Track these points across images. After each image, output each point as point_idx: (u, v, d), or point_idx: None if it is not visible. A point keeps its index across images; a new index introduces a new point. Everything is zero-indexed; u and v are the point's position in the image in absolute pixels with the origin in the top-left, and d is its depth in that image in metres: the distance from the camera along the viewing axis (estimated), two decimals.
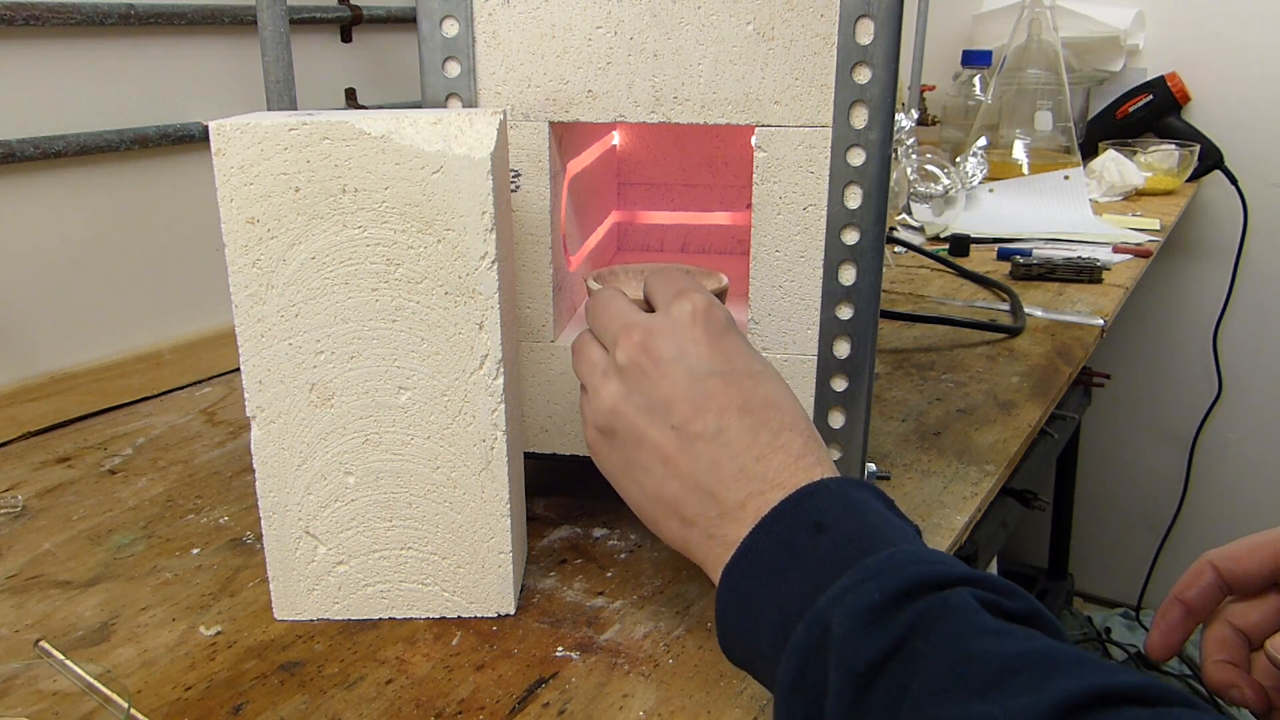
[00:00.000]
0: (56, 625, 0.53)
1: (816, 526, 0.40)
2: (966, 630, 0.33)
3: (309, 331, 0.49)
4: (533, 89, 0.56)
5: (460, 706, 0.46)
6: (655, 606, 0.54)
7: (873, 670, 0.34)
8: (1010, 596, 0.36)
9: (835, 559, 0.38)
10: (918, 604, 0.35)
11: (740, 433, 0.44)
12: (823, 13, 0.53)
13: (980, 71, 1.68)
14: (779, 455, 0.43)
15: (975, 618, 0.34)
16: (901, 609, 0.35)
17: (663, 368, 0.45)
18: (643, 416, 0.45)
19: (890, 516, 0.42)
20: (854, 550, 0.39)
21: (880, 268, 0.56)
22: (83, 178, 0.81)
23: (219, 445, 0.76)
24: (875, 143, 0.54)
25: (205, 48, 0.88)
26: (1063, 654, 0.32)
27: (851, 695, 0.34)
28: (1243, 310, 1.81)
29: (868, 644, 0.34)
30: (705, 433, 0.44)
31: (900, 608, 0.35)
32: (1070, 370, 0.89)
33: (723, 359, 0.46)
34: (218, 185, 0.47)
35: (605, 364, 0.48)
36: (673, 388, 0.45)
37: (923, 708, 0.32)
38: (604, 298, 0.50)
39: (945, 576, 0.36)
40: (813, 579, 0.38)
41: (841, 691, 0.34)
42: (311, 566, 0.52)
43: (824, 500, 0.41)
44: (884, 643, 0.34)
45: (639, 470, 0.46)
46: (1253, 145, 1.74)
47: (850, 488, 0.42)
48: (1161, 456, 1.94)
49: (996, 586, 0.36)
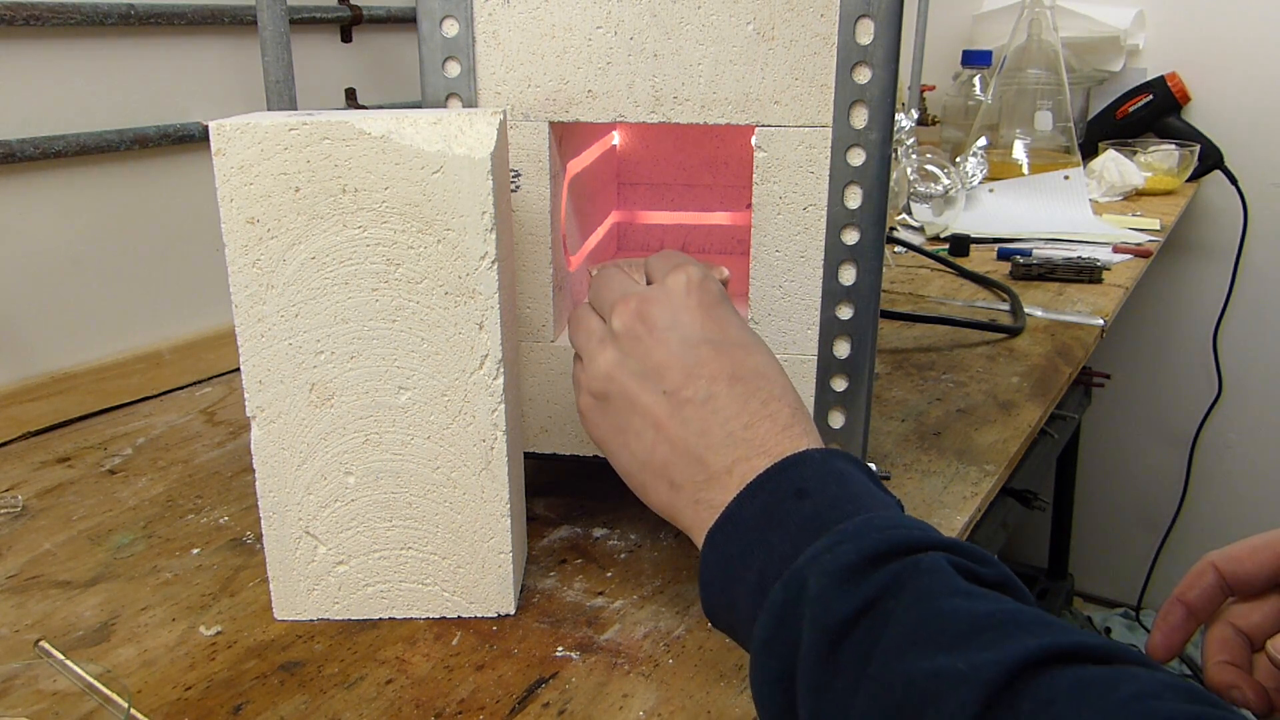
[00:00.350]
0: (56, 625, 0.53)
1: (799, 493, 0.41)
2: (937, 590, 0.34)
3: (309, 331, 0.49)
4: (533, 89, 0.56)
5: (460, 706, 0.46)
6: (655, 606, 0.54)
7: (845, 626, 0.35)
8: (983, 564, 0.37)
9: (815, 522, 0.39)
10: (892, 565, 0.36)
11: (730, 400, 0.44)
12: (823, 13, 0.53)
13: (980, 71, 1.68)
14: (767, 423, 0.44)
15: (947, 580, 0.35)
16: (876, 569, 0.36)
17: (657, 334, 0.46)
18: (635, 381, 0.46)
19: (872, 487, 0.42)
20: (834, 515, 0.39)
21: (880, 268, 0.56)
22: (83, 178, 0.81)
23: (219, 445, 0.76)
24: (875, 143, 0.54)
25: (205, 48, 0.88)
26: (1028, 615, 0.33)
27: (824, 650, 0.35)
28: (1243, 310, 1.81)
29: (841, 602, 0.35)
30: (695, 398, 0.44)
31: (875, 568, 0.36)
32: (1070, 370, 0.89)
33: (716, 328, 0.46)
34: (218, 185, 0.47)
35: (602, 332, 0.48)
36: (666, 354, 0.45)
37: (890, 661, 0.33)
38: (605, 274, 0.51)
39: (921, 541, 0.37)
40: (793, 541, 0.39)
41: (814, 647, 0.35)
42: (311, 566, 0.52)
43: (808, 468, 0.42)
44: (857, 601, 0.35)
45: (630, 435, 0.47)
46: (1253, 145, 1.74)
47: (834, 458, 0.43)
48: (1161, 456, 1.94)
49: (971, 554, 0.37)
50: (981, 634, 0.32)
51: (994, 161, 1.52)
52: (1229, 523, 1.89)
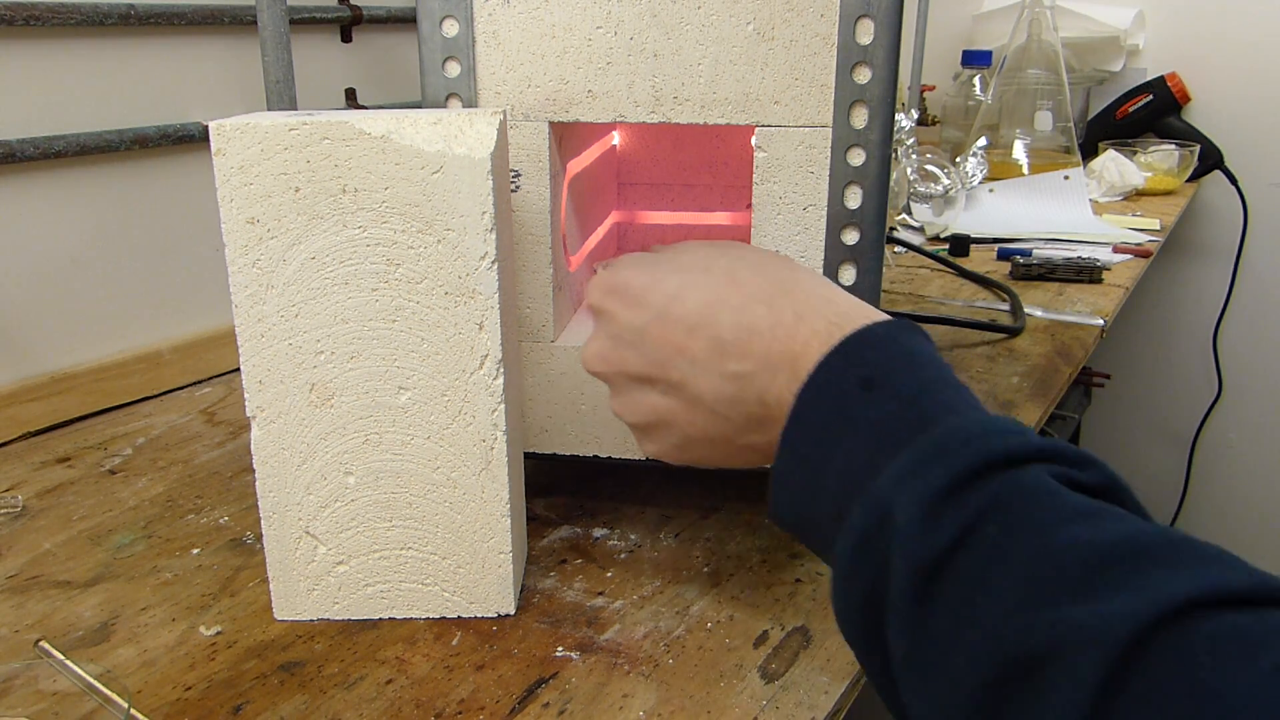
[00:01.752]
0: (56, 625, 0.53)
1: (866, 382, 0.38)
2: (1048, 519, 0.31)
3: (309, 331, 0.49)
4: (533, 89, 0.56)
5: (460, 706, 0.46)
6: (655, 606, 0.54)
7: (941, 561, 0.31)
8: (1084, 466, 0.33)
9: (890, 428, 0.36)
10: (989, 485, 0.32)
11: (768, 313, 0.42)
12: (823, 13, 0.53)
13: (980, 71, 1.68)
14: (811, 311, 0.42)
15: (1055, 500, 0.31)
16: (970, 491, 0.32)
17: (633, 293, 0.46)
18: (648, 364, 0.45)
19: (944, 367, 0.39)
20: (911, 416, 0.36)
21: (880, 268, 0.56)
22: (83, 178, 0.81)
23: (219, 445, 0.76)
24: (875, 143, 0.54)
25: (205, 48, 0.88)
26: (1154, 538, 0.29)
27: (920, 588, 0.32)
28: (1243, 310, 1.81)
29: (935, 534, 0.32)
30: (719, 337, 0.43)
31: (968, 490, 0.32)
32: (1070, 370, 0.89)
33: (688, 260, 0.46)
34: (218, 185, 0.47)
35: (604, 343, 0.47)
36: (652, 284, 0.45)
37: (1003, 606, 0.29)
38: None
39: (1016, 451, 0.33)
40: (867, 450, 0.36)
41: (906, 583, 0.32)
42: (311, 566, 0.52)
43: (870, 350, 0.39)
44: (953, 530, 0.31)
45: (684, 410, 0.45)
46: (1253, 145, 1.74)
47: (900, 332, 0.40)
48: (1161, 456, 1.94)
49: (1068, 456, 0.33)
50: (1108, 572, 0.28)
51: (994, 161, 1.52)
52: (1229, 523, 1.89)
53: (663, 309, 0.44)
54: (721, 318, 0.43)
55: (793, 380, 0.40)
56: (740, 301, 0.43)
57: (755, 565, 0.58)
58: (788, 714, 0.45)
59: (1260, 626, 0.26)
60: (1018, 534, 0.31)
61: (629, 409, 0.47)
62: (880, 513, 0.34)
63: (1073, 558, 0.29)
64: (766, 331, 0.41)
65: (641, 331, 0.45)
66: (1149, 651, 0.26)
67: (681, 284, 0.44)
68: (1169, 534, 0.30)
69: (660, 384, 0.45)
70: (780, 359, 0.41)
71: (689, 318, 0.43)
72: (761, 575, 0.57)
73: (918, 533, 0.32)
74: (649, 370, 0.45)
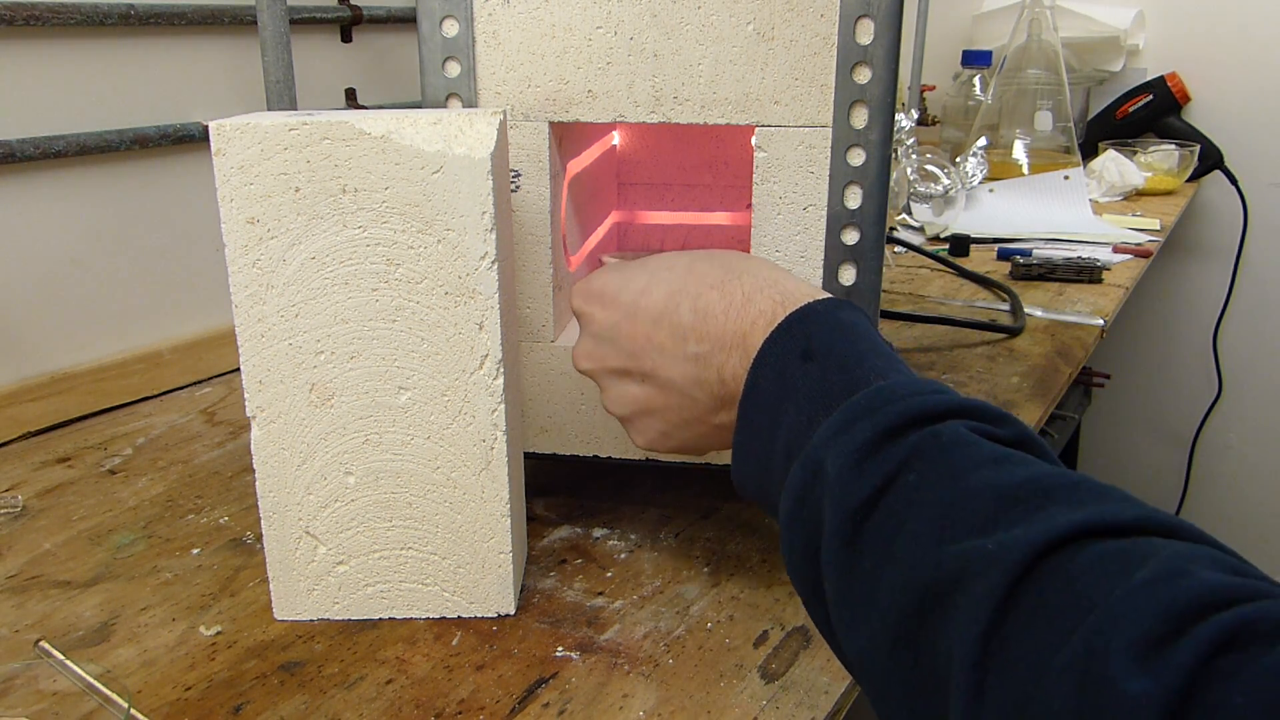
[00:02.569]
0: (56, 625, 0.53)
1: (805, 354, 0.41)
2: (962, 464, 0.33)
3: (309, 331, 0.49)
4: (533, 89, 0.56)
5: (460, 706, 0.46)
6: (655, 606, 0.54)
7: (866, 506, 0.34)
8: (1000, 423, 0.36)
9: (824, 390, 0.39)
10: (910, 438, 0.35)
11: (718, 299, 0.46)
12: (823, 13, 0.53)
13: (980, 71, 1.68)
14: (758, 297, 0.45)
15: (969, 450, 0.34)
16: (893, 443, 0.35)
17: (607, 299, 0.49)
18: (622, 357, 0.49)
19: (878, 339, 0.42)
20: (843, 381, 0.39)
21: (880, 268, 0.56)
22: (83, 178, 0.81)
23: (219, 445, 0.76)
24: (875, 143, 0.54)
25: (205, 48, 0.88)
26: (1056, 480, 0.32)
27: (847, 531, 0.35)
28: (1243, 310, 1.81)
29: (860, 482, 0.35)
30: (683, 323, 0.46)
31: (891, 442, 0.35)
32: (1070, 370, 0.89)
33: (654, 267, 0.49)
34: (218, 185, 0.47)
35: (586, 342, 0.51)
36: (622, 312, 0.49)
37: (918, 543, 0.32)
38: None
39: (936, 407, 0.36)
40: (805, 413, 0.39)
41: (837, 528, 0.35)
42: (311, 566, 0.52)
43: (812, 323, 0.42)
44: (876, 479, 0.34)
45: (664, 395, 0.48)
46: (1253, 145, 1.74)
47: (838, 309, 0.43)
48: (1161, 456, 1.94)
49: (986, 413, 0.36)
50: (1010, 509, 0.31)
51: (994, 161, 1.52)
52: (1229, 523, 1.89)
53: (632, 305, 0.48)
54: (681, 305, 0.46)
55: (744, 357, 0.44)
56: (697, 289, 0.46)
57: (755, 565, 0.58)
58: (788, 714, 0.46)
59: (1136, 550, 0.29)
60: (934, 479, 0.33)
61: (615, 402, 0.50)
62: (814, 467, 0.37)
63: (982, 498, 0.32)
64: (720, 314, 0.45)
65: (615, 328, 0.49)
66: (1039, 572, 0.29)
67: (648, 281, 0.48)
68: (1071, 476, 0.32)
69: (636, 374, 0.49)
70: (733, 338, 0.45)
71: (654, 309, 0.47)
72: (761, 575, 0.57)
73: (846, 481, 0.35)
74: (625, 363, 0.49)
